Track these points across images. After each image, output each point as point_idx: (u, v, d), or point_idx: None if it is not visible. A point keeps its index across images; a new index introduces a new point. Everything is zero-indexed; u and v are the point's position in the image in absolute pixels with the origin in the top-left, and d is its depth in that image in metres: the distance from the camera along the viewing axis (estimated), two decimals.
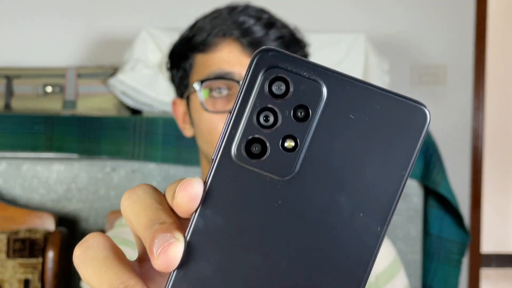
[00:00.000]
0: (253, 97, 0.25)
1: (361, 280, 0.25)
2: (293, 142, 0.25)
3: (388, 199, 0.25)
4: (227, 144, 0.25)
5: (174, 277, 0.25)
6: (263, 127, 0.25)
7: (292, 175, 0.25)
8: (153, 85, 1.76)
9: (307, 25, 0.96)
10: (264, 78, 0.25)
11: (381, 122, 0.25)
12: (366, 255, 0.25)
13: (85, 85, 1.82)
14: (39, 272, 1.35)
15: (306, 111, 0.25)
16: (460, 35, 2.29)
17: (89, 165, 1.50)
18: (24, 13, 2.21)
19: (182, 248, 0.25)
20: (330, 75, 0.25)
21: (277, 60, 0.25)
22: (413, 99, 0.25)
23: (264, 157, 0.25)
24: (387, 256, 0.88)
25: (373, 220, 0.25)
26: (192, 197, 0.26)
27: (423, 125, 0.25)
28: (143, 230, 0.26)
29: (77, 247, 0.28)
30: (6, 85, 1.81)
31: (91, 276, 0.27)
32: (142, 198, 0.28)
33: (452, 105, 2.28)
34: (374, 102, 0.25)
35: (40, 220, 1.43)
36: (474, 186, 2.28)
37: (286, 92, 0.25)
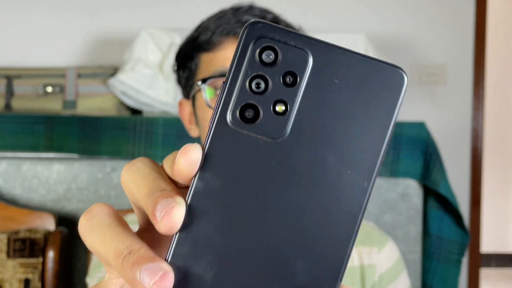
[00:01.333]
0: (245, 66, 0.27)
1: (352, 232, 0.27)
2: (283, 106, 0.27)
3: (373, 156, 0.27)
4: (222, 111, 0.27)
5: (177, 238, 0.27)
6: (255, 93, 0.27)
7: (284, 137, 0.27)
8: (153, 85, 1.76)
9: (307, 25, 0.96)
10: (254, 48, 0.27)
11: (363, 85, 0.27)
12: (355, 209, 0.27)
13: (85, 85, 1.82)
14: (39, 272, 1.36)
15: (294, 77, 0.27)
16: (460, 35, 2.29)
17: (89, 165, 1.51)
18: (24, 13, 2.21)
19: (183, 211, 0.27)
20: (316, 43, 0.27)
21: (265, 31, 0.27)
22: (391, 63, 0.27)
23: (257, 121, 0.27)
24: (391, 257, 0.89)
25: (360, 176, 0.27)
26: (192, 162, 0.27)
27: (401, 86, 0.27)
28: (144, 198, 0.28)
29: (82, 217, 0.30)
30: (6, 85, 1.81)
31: (96, 242, 0.28)
32: (142, 169, 0.29)
33: (452, 105, 2.28)
34: (356, 67, 0.27)
35: (40, 220, 1.43)
36: (473, 186, 2.28)
37: (275, 60, 0.27)
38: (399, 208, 1.49)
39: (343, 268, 0.27)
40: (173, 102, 1.75)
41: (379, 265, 0.87)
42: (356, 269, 0.86)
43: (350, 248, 0.27)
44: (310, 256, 0.27)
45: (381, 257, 0.87)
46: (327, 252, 0.27)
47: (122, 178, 0.30)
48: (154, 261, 0.26)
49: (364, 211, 0.27)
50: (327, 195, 0.27)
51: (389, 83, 0.27)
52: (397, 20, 2.27)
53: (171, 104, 1.75)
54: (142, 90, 1.75)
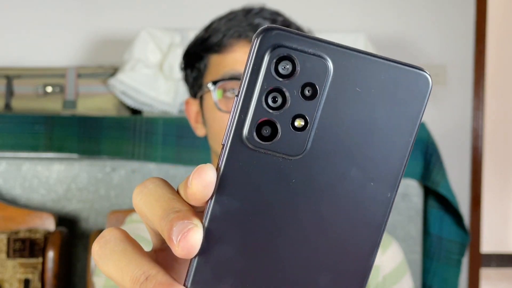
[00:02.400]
0: (260, 79, 0.25)
1: (375, 244, 0.26)
2: (303, 121, 0.25)
3: (396, 166, 0.26)
4: (237, 128, 0.25)
5: (196, 263, 0.26)
6: (272, 109, 0.25)
7: (304, 153, 0.26)
8: (153, 85, 1.75)
9: (307, 25, 0.96)
10: (269, 59, 0.25)
11: (386, 92, 0.26)
12: (378, 220, 0.26)
13: (85, 85, 1.82)
14: (39, 272, 1.35)
15: (314, 88, 0.25)
16: (460, 35, 2.29)
17: (89, 165, 1.50)
18: (24, 13, 2.21)
19: (201, 234, 0.26)
20: (335, 49, 0.25)
21: (281, 38, 0.25)
22: (414, 65, 0.26)
23: (275, 139, 0.25)
24: (395, 258, 0.89)
25: (383, 188, 0.26)
26: (206, 184, 0.26)
27: (426, 90, 0.26)
28: (159, 220, 0.26)
29: (95, 243, 0.29)
30: (6, 85, 1.81)
31: (112, 269, 0.27)
32: (154, 191, 0.28)
33: (452, 105, 2.28)
34: (378, 72, 0.25)
35: (40, 220, 1.43)
36: (474, 186, 2.28)
37: (293, 71, 0.25)
38: (399, 208, 1.49)
39: (367, 278, 0.27)
40: (173, 102, 1.75)
41: (383, 266, 0.87)
42: None
43: (373, 258, 0.27)
44: (335, 269, 0.26)
45: (385, 258, 0.87)
46: (351, 265, 0.26)
47: (134, 200, 0.29)
48: (173, 286, 0.25)
49: (387, 221, 0.27)
50: (350, 209, 0.26)
51: (413, 88, 0.26)
52: (397, 20, 2.27)
53: (171, 104, 1.75)
54: (142, 90, 1.75)
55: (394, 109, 0.26)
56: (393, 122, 0.26)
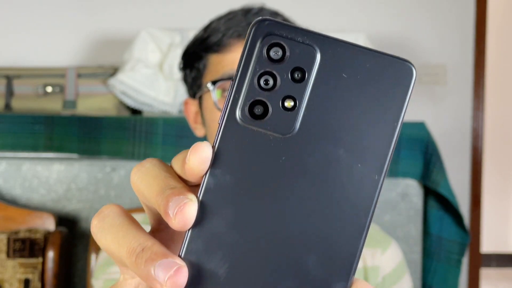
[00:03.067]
0: (253, 63, 0.27)
1: (364, 226, 0.27)
2: (292, 102, 0.27)
3: (384, 149, 0.27)
4: (232, 108, 0.27)
5: (189, 235, 0.27)
6: (264, 90, 0.27)
7: (293, 132, 0.27)
8: (153, 85, 1.75)
9: (307, 25, 0.96)
10: (262, 45, 0.27)
11: (371, 79, 0.27)
12: (367, 202, 0.27)
13: (85, 85, 1.82)
14: (39, 272, 1.35)
15: (303, 72, 0.27)
16: (460, 35, 2.29)
17: (89, 165, 1.51)
18: (24, 13, 2.21)
19: (196, 207, 0.27)
20: (323, 39, 0.28)
21: (273, 28, 0.27)
22: (399, 57, 0.28)
23: (266, 118, 0.27)
24: (394, 258, 0.89)
25: (371, 170, 0.27)
26: (203, 160, 0.27)
27: (410, 79, 0.27)
28: (156, 197, 0.28)
29: (94, 218, 0.30)
30: (6, 85, 1.81)
31: (109, 242, 0.29)
32: (151, 169, 0.29)
33: (452, 105, 2.28)
34: (364, 61, 0.27)
35: (40, 220, 1.43)
36: (474, 186, 2.28)
37: (283, 56, 0.27)
38: (399, 208, 1.49)
39: (356, 261, 0.27)
40: (173, 102, 1.75)
41: (382, 266, 0.87)
42: (360, 271, 0.86)
43: (362, 241, 0.27)
44: (323, 250, 0.27)
45: (384, 259, 0.87)
46: (340, 246, 0.27)
47: (132, 179, 0.30)
48: (168, 256, 0.27)
49: (376, 204, 0.27)
50: (338, 190, 0.27)
51: (397, 76, 0.27)
52: (397, 20, 2.27)
53: (171, 104, 1.75)
54: (142, 90, 1.75)
55: (379, 95, 0.27)
56: (379, 108, 0.27)
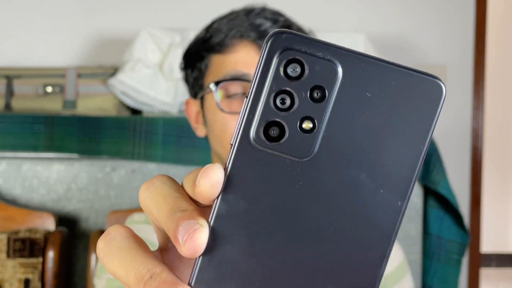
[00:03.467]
0: (269, 81, 0.25)
1: (385, 253, 0.26)
2: (311, 123, 0.25)
3: (408, 174, 0.25)
4: (245, 128, 0.26)
5: (200, 262, 0.26)
6: (280, 110, 0.25)
7: (311, 155, 0.25)
8: (153, 85, 1.76)
9: (307, 25, 0.96)
10: (279, 61, 0.25)
11: (397, 98, 0.25)
12: (388, 229, 0.26)
13: (85, 85, 1.82)
14: (39, 272, 1.36)
15: (323, 91, 0.25)
16: (460, 35, 2.29)
17: (89, 165, 1.51)
18: (24, 13, 2.21)
19: (207, 234, 0.26)
20: (345, 54, 0.25)
21: (291, 42, 0.25)
22: (428, 73, 0.25)
23: (282, 140, 0.25)
24: (395, 258, 0.89)
25: (393, 196, 0.25)
26: (214, 183, 0.26)
27: (439, 98, 0.25)
28: (165, 219, 0.27)
29: (100, 240, 0.29)
30: (6, 85, 1.81)
31: (116, 267, 0.27)
32: (161, 188, 0.28)
33: (452, 105, 2.28)
34: (389, 78, 0.25)
35: (40, 220, 1.43)
36: (474, 186, 2.28)
37: (302, 73, 0.25)
38: None
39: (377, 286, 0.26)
40: (173, 102, 1.75)
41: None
42: None
43: (383, 269, 0.26)
44: (342, 279, 0.26)
45: None
46: (359, 274, 0.26)
47: (141, 197, 0.29)
48: (177, 285, 0.26)
49: (398, 230, 0.26)
50: (358, 216, 0.26)
51: (426, 95, 0.25)
52: (397, 20, 2.27)
53: (171, 104, 1.75)
54: (142, 90, 1.75)
55: (405, 116, 0.25)
56: (405, 129, 0.25)
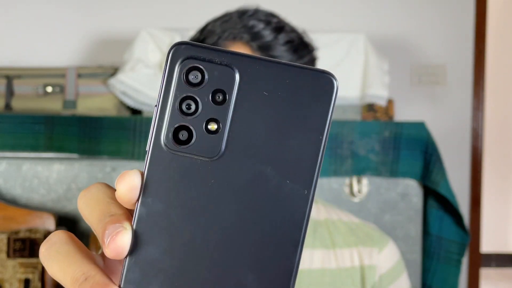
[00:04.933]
0: (173, 88, 0.27)
1: (298, 241, 0.27)
2: (215, 124, 0.27)
3: (311, 164, 0.27)
4: (156, 134, 0.27)
5: (127, 263, 0.27)
6: (186, 115, 0.27)
7: (219, 154, 0.27)
8: (153, 85, 1.76)
9: (307, 25, 0.96)
10: (180, 69, 0.27)
11: (293, 94, 0.27)
12: (299, 217, 0.27)
13: (85, 85, 1.82)
14: (39, 272, 1.36)
15: (223, 94, 0.27)
16: (460, 35, 2.29)
17: (89, 165, 1.51)
18: (24, 13, 2.21)
19: (129, 236, 0.27)
20: (240, 58, 0.27)
21: (189, 51, 0.27)
22: (319, 69, 0.28)
23: (191, 142, 0.27)
24: (392, 257, 0.89)
25: (299, 185, 0.27)
26: (131, 188, 0.27)
27: (331, 91, 0.27)
28: (96, 223, 0.28)
29: (42, 245, 0.30)
30: (6, 85, 1.81)
31: (55, 271, 0.29)
32: (95, 195, 0.30)
33: (452, 105, 2.28)
34: (284, 77, 0.27)
35: (40, 220, 1.43)
36: (473, 186, 2.28)
37: (202, 79, 0.27)
38: (399, 208, 1.49)
39: (294, 274, 0.27)
40: None
41: (379, 265, 0.87)
42: (357, 269, 0.86)
43: (298, 254, 0.27)
44: (260, 268, 0.27)
45: (381, 258, 0.87)
46: (277, 262, 0.27)
47: (78, 204, 0.30)
48: (108, 286, 0.27)
49: (308, 217, 0.27)
50: (269, 207, 0.27)
51: (319, 88, 0.27)
52: (397, 20, 2.27)
53: None
54: (142, 90, 1.75)
55: (302, 110, 0.27)
56: (303, 122, 0.27)
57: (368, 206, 1.49)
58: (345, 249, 0.86)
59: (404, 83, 2.26)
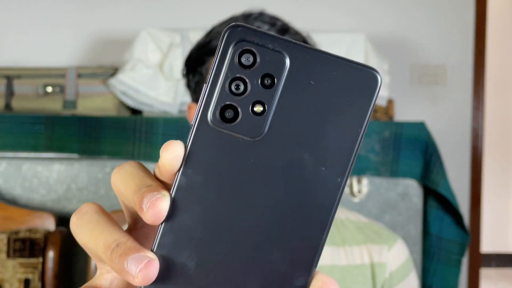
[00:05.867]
0: (225, 68, 0.28)
1: (325, 225, 0.29)
2: (261, 107, 0.28)
3: (347, 154, 0.29)
4: (204, 110, 0.29)
5: (162, 229, 0.29)
6: (234, 95, 0.28)
7: (261, 136, 0.29)
8: (153, 85, 1.76)
9: (307, 25, 0.96)
10: (234, 51, 0.28)
11: (338, 86, 0.28)
12: (329, 202, 0.29)
13: (85, 85, 1.82)
14: (39, 272, 1.36)
15: (272, 79, 0.28)
16: (460, 35, 2.29)
17: (89, 165, 1.51)
18: (24, 13, 2.21)
19: (168, 202, 0.29)
20: (293, 46, 0.28)
21: (244, 34, 0.28)
22: (366, 65, 0.29)
23: (236, 121, 0.29)
24: (401, 255, 0.90)
25: (333, 173, 0.29)
26: (174, 157, 0.29)
27: (374, 87, 0.29)
28: (132, 194, 0.30)
29: (73, 215, 0.32)
30: (6, 85, 1.81)
31: (87, 238, 0.30)
32: (130, 170, 0.31)
33: (452, 105, 2.28)
34: (331, 68, 0.28)
35: (40, 220, 1.43)
36: (473, 186, 2.28)
37: (254, 62, 0.28)
38: (399, 208, 1.49)
39: (317, 256, 0.29)
40: (173, 102, 1.75)
41: (389, 263, 0.88)
42: (367, 267, 0.87)
43: (324, 238, 0.29)
44: (286, 247, 0.29)
45: (391, 255, 0.88)
46: (302, 242, 0.29)
47: (112, 179, 0.32)
48: (140, 251, 0.28)
49: (338, 204, 0.29)
50: (302, 190, 0.29)
51: (363, 84, 0.28)
52: (397, 20, 2.27)
53: (171, 104, 1.75)
54: (142, 90, 1.75)
55: (345, 102, 0.28)
56: (344, 114, 0.29)
57: (368, 206, 1.49)
58: (354, 246, 0.87)
59: (404, 83, 2.26)
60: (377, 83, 0.28)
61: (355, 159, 0.29)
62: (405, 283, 0.89)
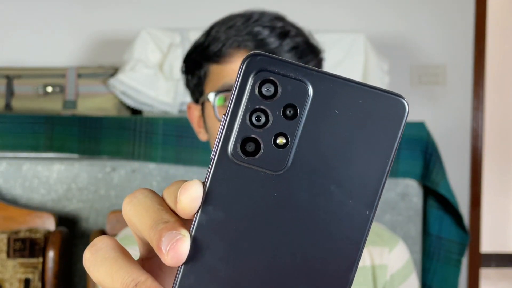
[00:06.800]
0: (245, 100, 0.27)
1: (354, 259, 0.28)
2: (284, 139, 0.27)
3: (375, 185, 0.28)
4: (223, 144, 0.27)
5: (182, 270, 0.27)
6: (255, 127, 0.27)
7: (285, 169, 0.27)
8: (153, 85, 1.76)
9: (307, 25, 0.96)
10: (254, 81, 0.27)
11: (364, 115, 0.27)
12: (357, 236, 0.28)
13: (85, 85, 1.82)
14: (39, 272, 1.36)
15: (295, 109, 0.27)
16: (460, 35, 2.29)
17: (89, 165, 1.51)
18: (24, 13, 2.21)
19: (189, 243, 0.27)
20: (315, 74, 0.27)
21: (264, 63, 0.27)
22: (392, 92, 0.27)
23: (258, 155, 0.27)
24: (402, 257, 0.90)
25: (361, 205, 0.28)
26: (193, 199, 0.27)
27: (402, 115, 0.27)
28: (148, 230, 0.28)
29: (86, 251, 0.30)
30: (6, 85, 1.81)
31: (103, 276, 0.29)
32: (143, 201, 0.29)
33: (452, 105, 2.28)
34: (356, 97, 0.27)
35: (41, 220, 1.43)
36: (473, 186, 2.28)
37: (275, 93, 0.27)
38: (399, 208, 1.49)
39: None
40: (173, 102, 1.75)
41: (390, 265, 0.88)
42: (368, 269, 0.87)
43: (353, 273, 0.28)
44: (314, 282, 0.27)
45: (392, 257, 0.88)
46: (331, 279, 0.27)
47: (124, 210, 0.30)
48: None
49: (366, 238, 0.28)
50: (329, 225, 0.27)
51: (390, 112, 0.27)
52: (397, 20, 2.27)
53: (171, 104, 1.75)
54: (142, 90, 1.75)
55: (372, 131, 0.27)
56: (371, 144, 0.27)
57: None
58: None
59: (404, 83, 2.26)
60: (404, 111, 0.27)
61: (383, 190, 0.28)
62: (406, 285, 0.89)
